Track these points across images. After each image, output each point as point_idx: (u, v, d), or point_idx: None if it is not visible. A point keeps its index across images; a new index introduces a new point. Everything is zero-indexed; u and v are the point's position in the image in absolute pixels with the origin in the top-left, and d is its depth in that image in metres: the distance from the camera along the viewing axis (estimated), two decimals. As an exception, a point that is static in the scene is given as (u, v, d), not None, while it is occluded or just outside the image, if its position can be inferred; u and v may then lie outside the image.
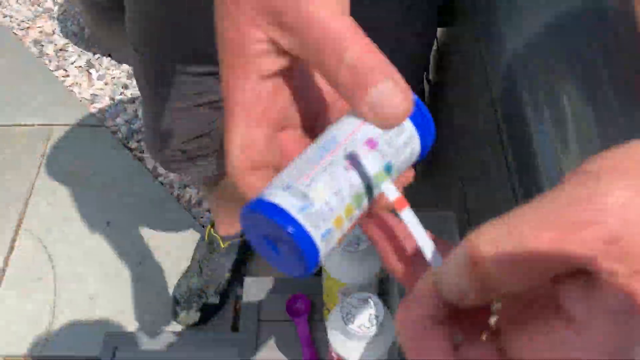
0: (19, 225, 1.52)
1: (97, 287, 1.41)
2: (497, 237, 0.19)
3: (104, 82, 1.83)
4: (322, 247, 0.24)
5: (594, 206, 0.18)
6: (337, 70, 0.24)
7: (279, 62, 0.26)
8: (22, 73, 1.85)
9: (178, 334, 1.04)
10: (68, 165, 1.62)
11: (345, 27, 0.24)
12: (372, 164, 0.24)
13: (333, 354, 0.63)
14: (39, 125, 1.73)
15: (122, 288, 1.40)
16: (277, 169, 0.27)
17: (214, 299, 1.32)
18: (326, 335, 0.62)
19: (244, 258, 1.36)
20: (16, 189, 1.59)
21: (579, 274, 0.19)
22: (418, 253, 0.24)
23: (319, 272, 0.76)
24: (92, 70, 1.86)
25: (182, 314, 1.31)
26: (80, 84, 1.83)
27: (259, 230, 0.25)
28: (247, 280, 0.89)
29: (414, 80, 0.78)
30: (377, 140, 0.25)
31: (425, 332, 0.21)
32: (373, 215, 0.26)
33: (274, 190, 0.24)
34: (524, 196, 0.45)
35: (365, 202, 0.25)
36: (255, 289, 0.89)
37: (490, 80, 0.54)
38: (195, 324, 1.31)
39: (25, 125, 1.74)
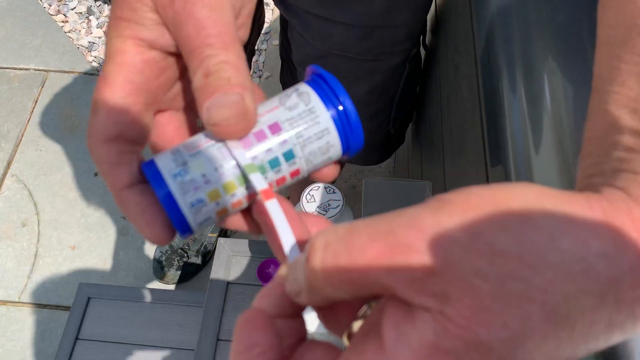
0: (6, 170, 1.50)
1: (79, 237, 1.39)
2: (331, 241, 0.19)
3: (103, 30, 1.79)
4: (190, 214, 0.24)
5: (422, 234, 0.17)
6: (195, 73, 0.24)
7: (169, 39, 0.25)
8: (20, 15, 1.81)
9: (151, 290, 1.03)
10: (61, 113, 1.60)
11: (220, 33, 0.24)
12: (241, 157, 0.24)
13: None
14: (34, 69, 1.70)
15: (104, 240, 1.39)
16: (138, 143, 0.25)
17: (196, 259, 1.31)
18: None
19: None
20: (6, 134, 1.56)
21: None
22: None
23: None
24: (92, 17, 1.81)
25: (163, 272, 1.30)
26: (79, 31, 1.79)
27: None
28: (220, 241, 0.87)
29: (410, 42, 0.73)
30: (283, 126, 0.25)
31: (255, 323, 0.21)
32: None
33: (166, 153, 0.25)
34: (494, 175, 0.42)
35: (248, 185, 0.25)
36: (228, 250, 0.87)
37: (476, 48, 0.50)
38: (175, 283, 1.30)
39: (20, 68, 1.70)
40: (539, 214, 0.17)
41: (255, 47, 1.73)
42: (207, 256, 1.33)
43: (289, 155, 0.25)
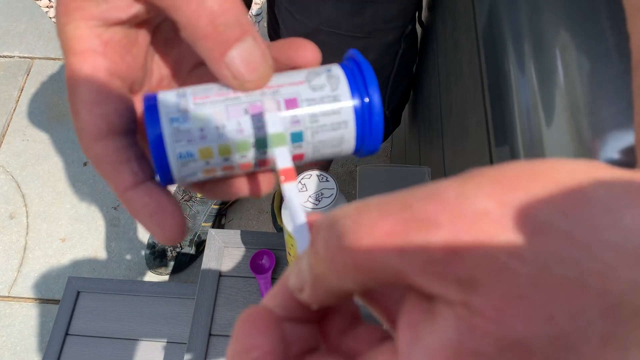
0: (-8, 161, 1.46)
1: (69, 229, 1.36)
2: (338, 219, 0.15)
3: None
4: (175, 164, 0.23)
5: (443, 207, 0.14)
6: (194, 17, 0.21)
7: (130, 10, 0.23)
8: (2, 0, 1.75)
9: (142, 283, 1.00)
10: (47, 101, 1.55)
11: None
12: (274, 123, 0.22)
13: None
14: (19, 57, 1.64)
15: (95, 232, 1.35)
16: (132, 132, 0.24)
17: (189, 249, 1.27)
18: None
19: (222, 209, 1.30)
20: (-9, 123, 1.52)
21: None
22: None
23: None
24: (77, 2, 1.76)
25: (156, 262, 1.27)
26: (64, 16, 1.73)
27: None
28: (211, 232, 0.83)
29: (404, 19, 0.69)
30: (300, 104, 0.23)
31: (257, 323, 0.18)
32: (263, 170, 0.24)
33: (171, 92, 0.23)
34: (499, 158, 0.38)
35: (251, 154, 0.23)
36: (219, 241, 0.83)
37: (476, 22, 0.46)
38: (169, 273, 1.27)
39: (4, 56, 1.65)
40: (591, 185, 0.14)
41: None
42: (201, 246, 1.29)
43: (297, 137, 0.23)
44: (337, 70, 0.24)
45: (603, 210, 0.13)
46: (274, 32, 0.77)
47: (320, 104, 0.23)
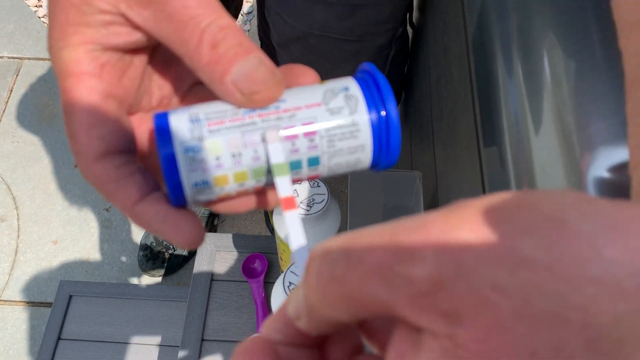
0: (-18, 163, 1.45)
1: (61, 231, 1.35)
2: (330, 249, 0.16)
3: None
4: (190, 192, 0.22)
5: (428, 239, 0.14)
6: (196, 49, 0.21)
7: (129, 37, 0.23)
8: (-9, 0, 1.73)
9: (135, 286, 1.00)
10: (37, 102, 1.53)
11: (205, 1, 0.22)
12: (277, 154, 0.22)
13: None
14: (7, 57, 1.63)
15: (87, 234, 1.34)
16: (130, 151, 0.24)
17: (182, 251, 1.27)
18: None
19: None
20: (-20, 125, 1.50)
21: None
22: None
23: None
24: (67, 1, 1.74)
25: (148, 264, 1.26)
26: (53, 15, 1.71)
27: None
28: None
29: (395, 21, 0.68)
30: (317, 129, 0.22)
31: (254, 356, 0.18)
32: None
33: (183, 114, 0.23)
34: (488, 166, 0.37)
35: (267, 178, 0.23)
36: (211, 245, 0.83)
37: (466, 26, 0.45)
38: (162, 275, 1.26)
39: (-7, 56, 1.63)
40: (575, 218, 0.14)
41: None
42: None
43: (314, 162, 0.23)
44: (354, 88, 0.23)
45: (586, 243, 0.13)
46: (265, 35, 0.77)
47: (339, 129, 0.22)
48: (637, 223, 0.14)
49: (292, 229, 0.21)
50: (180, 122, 0.22)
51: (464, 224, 0.14)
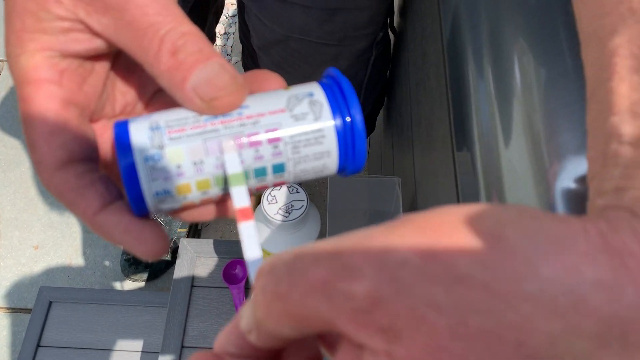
0: (-39, 167, 1.42)
1: (42, 236, 1.33)
2: (276, 265, 0.16)
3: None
4: (151, 201, 0.22)
5: (368, 256, 0.14)
6: (156, 55, 0.21)
7: (89, 44, 0.22)
8: (-29, 1, 1.70)
9: (116, 292, 0.98)
10: (16, 104, 1.51)
11: (165, 8, 0.21)
12: (233, 165, 0.22)
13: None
14: (-12, 59, 1.60)
15: (69, 239, 1.32)
16: (92, 159, 0.23)
17: (165, 256, 1.25)
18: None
19: (198, 213, 1.29)
20: (-40, 128, 1.48)
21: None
22: None
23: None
24: (49, 2, 1.72)
25: (131, 269, 1.25)
26: (35, 17, 1.69)
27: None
28: (183, 242, 0.82)
29: (375, 26, 0.68)
30: (281, 135, 0.22)
31: None
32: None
33: (143, 122, 0.22)
34: (461, 169, 0.37)
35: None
36: (191, 251, 0.82)
37: (442, 33, 0.45)
38: (145, 280, 1.25)
39: (-27, 58, 1.61)
40: (514, 234, 0.14)
41: (224, 32, 1.66)
42: (177, 252, 1.28)
43: (279, 168, 0.23)
44: (319, 94, 0.23)
45: (523, 261, 0.13)
46: (245, 38, 0.76)
47: (303, 135, 0.22)
48: (575, 240, 0.14)
49: (246, 241, 0.21)
50: (141, 131, 0.22)
51: (404, 241, 0.14)
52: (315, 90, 0.23)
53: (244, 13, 0.73)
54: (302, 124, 0.22)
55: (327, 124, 0.22)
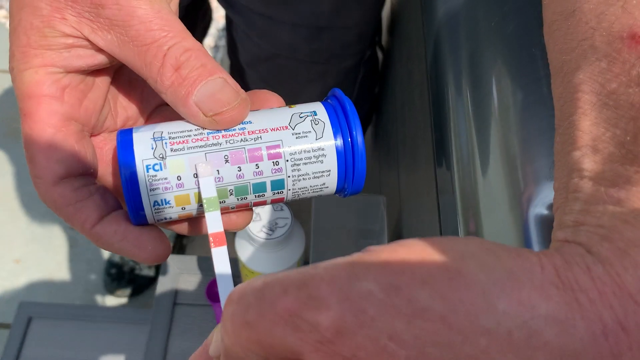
0: (-57, 178, 1.40)
1: (24, 250, 1.31)
2: (246, 292, 0.16)
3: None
4: (150, 212, 0.22)
5: (333, 287, 0.14)
6: (160, 70, 0.22)
7: (92, 60, 0.23)
8: (-41, 11, 1.70)
9: (98, 308, 0.97)
10: (2, 116, 1.50)
11: (169, 24, 0.22)
12: (208, 189, 0.22)
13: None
14: (-25, 70, 1.59)
15: (51, 253, 1.30)
16: (90, 174, 0.24)
17: (149, 271, 1.24)
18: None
19: (183, 229, 1.28)
20: (-57, 139, 1.46)
21: None
22: None
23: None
24: (38, 14, 1.71)
25: (114, 285, 1.23)
26: (24, 28, 1.68)
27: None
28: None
29: (362, 44, 0.68)
30: (283, 154, 0.22)
31: None
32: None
33: (147, 132, 0.23)
34: (442, 190, 0.37)
35: (230, 200, 0.23)
36: (175, 268, 0.81)
37: (427, 55, 0.45)
38: (128, 296, 1.23)
39: (-41, 69, 1.59)
40: (473, 268, 0.14)
41: (214, 44, 1.66)
42: (160, 268, 1.26)
43: (278, 185, 0.23)
44: (322, 113, 0.23)
45: (481, 295, 0.14)
46: (233, 54, 0.76)
47: (304, 153, 0.23)
48: (530, 275, 0.14)
49: (219, 268, 0.21)
50: (144, 140, 0.22)
51: (369, 273, 0.15)
52: (318, 109, 0.24)
53: (232, 29, 0.73)
54: (303, 142, 0.23)
55: (329, 143, 0.23)
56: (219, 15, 1.65)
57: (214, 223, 0.22)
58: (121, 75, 0.26)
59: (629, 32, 0.17)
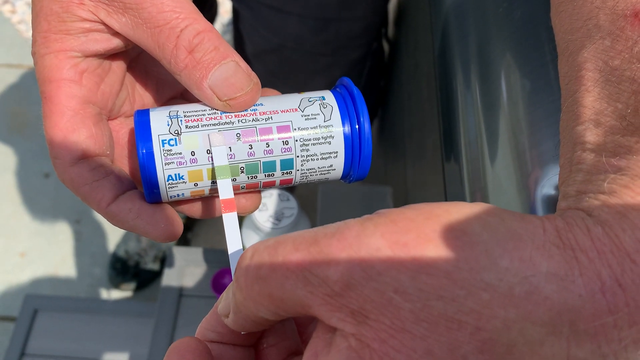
0: (-52, 172, 1.41)
1: (29, 244, 1.31)
2: (258, 250, 0.17)
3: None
4: (164, 185, 0.23)
5: (343, 244, 0.15)
6: (174, 52, 0.22)
7: (108, 44, 0.24)
8: (-37, 6, 1.70)
9: (103, 301, 0.97)
10: (8, 110, 1.50)
11: (180, 5, 0.22)
12: (219, 156, 0.23)
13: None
14: (-21, 64, 1.59)
15: (56, 247, 1.31)
16: (106, 155, 0.25)
17: (153, 265, 1.24)
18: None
19: (188, 224, 1.28)
20: (-52, 133, 1.46)
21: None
22: None
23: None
24: (43, 9, 1.72)
25: (119, 279, 1.23)
26: (28, 22, 1.69)
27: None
28: (172, 249, 0.81)
29: (369, 36, 0.68)
30: (293, 133, 0.23)
31: (184, 356, 0.19)
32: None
33: (163, 110, 0.24)
34: (449, 180, 0.37)
35: (241, 178, 0.24)
36: (180, 259, 0.81)
37: (434, 45, 0.45)
38: (133, 290, 1.24)
39: (-36, 63, 1.60)
40: (477, 228, 0.15)
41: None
42: (165, 261, 1.26)
43: (287, 165, 0.24)
44: (330, 98, 0.24)
45: (483, 252, 0.15)
46: (239, 46, 0.76)
47: (313, 134, 0.23)
48: (533, 235, 0.15)
49: (229, 232, 0.22)
50: (160, 117, 0.23)
51: (376, 231, 0.15)
52: (326, 95, 0.24)
53: (239, 21, 0.73)
54: (312, 123, 0.24)
55: (336, 125, 0.24)
56: (223, 10, 1.65)
57: (225, 190, 0.23)
58: (137, 64, 0.27)
59: (632, 10, 0.17)
